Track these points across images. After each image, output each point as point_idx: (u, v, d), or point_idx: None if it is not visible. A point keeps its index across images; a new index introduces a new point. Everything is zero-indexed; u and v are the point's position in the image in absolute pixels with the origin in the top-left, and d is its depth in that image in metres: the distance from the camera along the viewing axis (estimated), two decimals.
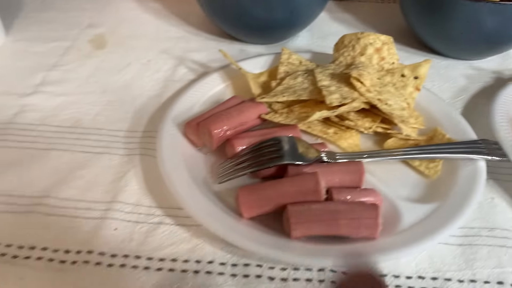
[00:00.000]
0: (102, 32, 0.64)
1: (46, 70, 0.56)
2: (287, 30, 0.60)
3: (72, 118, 0.49)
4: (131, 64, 0.58)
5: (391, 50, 0.49)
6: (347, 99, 0.42)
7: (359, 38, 0.50)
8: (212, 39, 0.64)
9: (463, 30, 0.55)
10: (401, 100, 0.45)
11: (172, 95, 0.53)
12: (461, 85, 0.56)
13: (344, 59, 0.50)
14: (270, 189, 0.37)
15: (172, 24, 0.67)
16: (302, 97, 0.44)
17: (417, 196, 0.41)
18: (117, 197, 0.40)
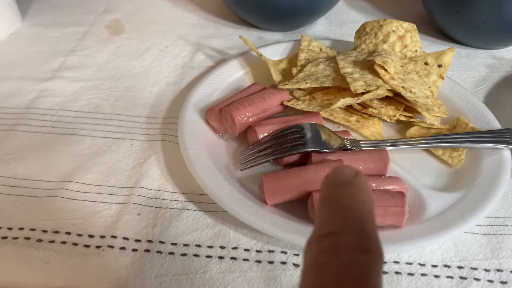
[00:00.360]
0: (119, 17, 0.64)
1: (64, 55, 0.56)
2: (306, 17, 0.59)
3: (92, 104, 0.48)
4: (149, 50, 0.57)
5: (414, 38, 0.48)
6: (372, 87, 0.42)
7: (381, 25, 0.49)
8: (229, 26, 0.63)
9: (484, 19, 0.54)
10: (425, 88, 0.44)
11: (191, 81, 0.52)
12: (482, 74, 0.55)
13: (366, 46, 0.49)
14: (295, 176, 0.36)
15: (188, 11, 0.66)
16: (325, 84, 0.44)
17: (442, 185, 0.40)
18: (139, 182, 0.40)
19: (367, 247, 0.17)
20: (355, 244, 0.16)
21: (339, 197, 0.18)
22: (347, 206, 0.18)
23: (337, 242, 0.17)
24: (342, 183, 0.19)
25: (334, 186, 0.19)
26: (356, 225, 0.17)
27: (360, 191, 0.18)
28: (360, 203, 0.18)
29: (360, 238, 0.17)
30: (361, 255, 0.16)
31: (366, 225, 0.17)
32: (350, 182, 0.19)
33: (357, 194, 0.18)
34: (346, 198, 0.18)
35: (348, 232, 0.17)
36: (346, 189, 0.19)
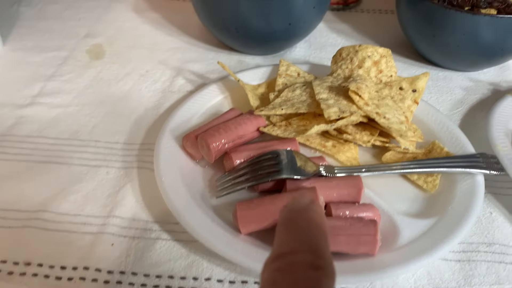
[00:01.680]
0: (100, 42, 0.64)
1: (44, 81, 0.56)
2: (285, 41, 0.60)
3: (70, 130, 0.48)
4: (129, 75, 0.58)
5: (389, 63, 0.49)
6: (346, 113, 0.42)
7: (357, 51, 0.50)
8: (210, 50, 0.64)
9: (460, 43, 0.55)
10: (399, 114, 0.45)
11: (170, 106, 0.52)
12: (458, 97, 0.56)
13: (342, 71, 0.50)
14: (269, 204, 0.37)
15: (170, 34, 0.67)
16: (301, 110, 0.44)
17: (416, 210, 0.40)
18: (114, 211, 0.40)
19: (320, 264, 0.18)
20: (308, 262, 0.18)
21: (295, 220, 0.20)
22: (302, 228, 0.19)
23: (292, 260, 0.18)
24: (299, 208, 0.21)
25: (290, 212, 0.21)
26: (310, 245, 0.19)
27: (314, 215, 0.20)
28: (314, 225, 0.20)
29: (313, 256, 0.18)
30: (314, 272, 0.17)
31: (319, 244, 0.19)
32: (305, 208, 0.21)
33: (311, 218, 0.20)
34: (302, 221, 0.20)
35: (302, 251, 0.18)
36: (302, 213, 0.20)
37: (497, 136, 0.45)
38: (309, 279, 0.17)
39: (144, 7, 0.74)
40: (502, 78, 0.60)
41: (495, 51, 0.55)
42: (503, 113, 0.49)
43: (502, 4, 0.56)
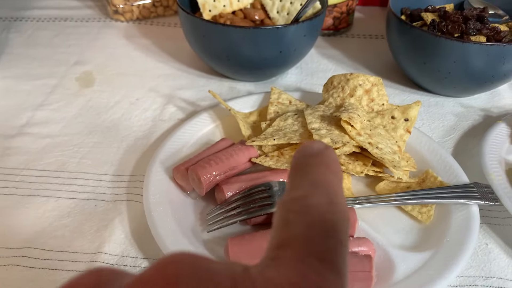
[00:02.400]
0: (90, 69, 0.64)
1: (32, 110, 0.55)
2: (276, 68, 0.60)
3: (57, 162, 0.47)
4: (119, 103, 0.57)
5: (381, 92, 0.49)
6: (338, 143, 0.42)
7: (348, 79, 0.50)
8: (202, 76, 0.63)
9: (451, 70, 0.55)
10: (392, 143, 0.45)
11: (160, 135, 0.52)
12: (450, 123, 0.56)
13: (334, 100, 0.50)
14: (261, 239, 0.36)
15: (161, 61, 0.67)
16: (293, 140, 0.44)
17: (411, 243, 0.40)
18: (102, 247, 0.39)
19: (335, 209, 0.17)
20: (324, 205, 0.17)
21: (310, 166, 0.19)
22: (317, 172, 0.19)
23: (307, 203, 0.17)
24: (311, 153, 0.20)
25: (304, 157, 0.20)
26: (325, 188, 0.18)
27: (329, 161, 0.19)
28: (329, 171, 0.19)
29: (329, 199, 0.17)
30: (330, 214, 0.17)
31: (335, 190, 0.18)
32: (320, 153, 0.20)
33: (326, 163, 0.19)
34: (316, 165, 0.19)
35: (318, 194, 0.17)
36: (316, 159, 0.19)
37: (490, 164, 0.45)
38: (326, 221, 0.16)
39: (135, 33, 0.73)
40: (493, 104, 0.60)
41: (485, 77, 0.55)
42: (495, 140, 0.49)
43: (491, 31, 0.56)
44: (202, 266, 0.14)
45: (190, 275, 0.14)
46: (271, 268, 0.15)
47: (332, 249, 0.16)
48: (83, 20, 0.77)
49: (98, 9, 0.80)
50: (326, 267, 0.15)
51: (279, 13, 0.62)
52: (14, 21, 0.76)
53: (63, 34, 0.72)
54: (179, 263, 0.14)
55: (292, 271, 0.15)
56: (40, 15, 0.78)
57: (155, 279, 0.14)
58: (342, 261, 0.16)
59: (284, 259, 0.15)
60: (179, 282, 0.14)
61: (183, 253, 0.15)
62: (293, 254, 0.15)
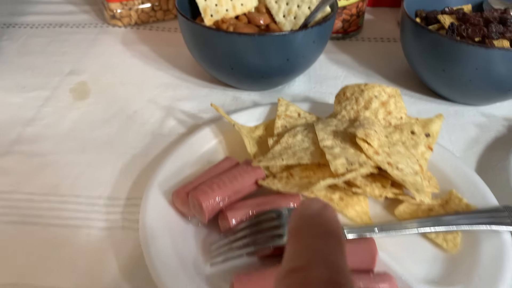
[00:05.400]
0: (85, 79, 0.60)
1: (23, 125, 0.51)
2: (283, 77, 0.56)
3: (48, 183, 0.44)
4: (115, 116, 0.53)
5: (399, 104, 0.45)
6: (354, 165, 0.38)
7: (362, 90, 0.46)
8: (203, 85, 0.60)
9: (472, 77, 0.51)
10: (412, 162, 0.41)
11: (160, 152, 0.48)
12: (472, 135, 0.52)
13: (347, 113, 0.46)
14: (271, 278, 0.32)
15: (160, 69, 0.63)
16: (303, 160, 0.40)
17: (436, 276, 0.36)
18: (94, 284, 0.35)
19: (338, 280, 0.16)
20: (325, 278, 0.16)
21: (307, 229, 0.18)
22: (315, 237, 0.18)
23: (306, 277, 0.16)
24: (310, 215, 0.19)
25: (302, 219, 0.19)
26: (325, 257, 0.17)
27: (328, 222, 0.18)
28: (328, 234, 0.18)
29: (330, 271, 0.16)
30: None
31: (335, 257, 0.17)
32: (318, 214, 0.19)
33: (325, 225, 0.18)
34: (314, 229, 0.18)
35: (317, 265, 0.16)
36: (314, 220, 0.18)
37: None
38: None
39: (133, 39, 0.70)
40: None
41: (509, 84, 0.51)
42: None
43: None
44: None
45: None
46: None
47: None
48: (79, 25, 0.73)
49: (94, 13, 0.77)
50: None
51: (285, 17, 0.58)
52: (7, 27, 0.73)
53: (58, 41, 0.69)
54: None
55: None
56: (34, 21, 0.74)
57: None
58: None
59: None
60: None
61: None
62: None
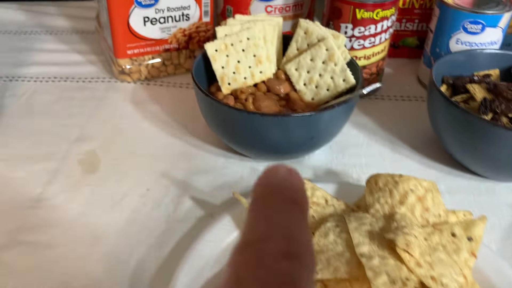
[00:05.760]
0: (94, 147, 0.57)
1: (26, 208, 0.48)
2: (305, 152, 0.53)
3: (52, 286, 0.40)
4: (127, 196, 0.50)
5: (436, 199, 0.42)
6: (397, 283, 0.35)
7: (396, 182, 0.42)
8: (219, 154, 0.56)
9: (508, 158, 0.48)
10: (456, 273, 0.37)
11: (176, 244, 0.45)
12: (508, 219, 0.49)
13: (381, 207, 0.42)
14: None
15: (173, 135, 0.59)
16: (339, 273, 0.36)
17: None
18: None
19: (294, 252, 0.15)
20: (281, 250, 0.15)
21: (268, 198, 0.17)
22: (277, 207, 0.17)
23: (261, 250, 0.15)
24: (272, 183, 0.18)
25: (264, 187, 0.18)
26: (284, 228, 0.16)
27: (291, 190, 0.17)
28: (291, 204, 0.17)
29: (287, 242, 0.16)
30: (288, 262, 0.15)
31: (296, 228, 0.16)
32: (281, 181, 0.18)
33: (288, 193, 0.17)
34: (276, 199, 0.17)
35: (274, 237, 0.16)
36: (276, 188, 0.17)
37: None
38: (282, 273, 0.15)
39: (143, 97, 0.66)
40: None
41: None
42: None
43: None
44: None
45: None
46: None
47: None
48: (85, 79, 0.70)
49: (101, 65, 0.73)
50: None
51: (306, 85, 0.55)
52: (10, 81, 0.69)
53: (64, 99, 0.65)
54: None
55: None
56: (38, 73, 0.71)
57: None
58: None
59: None
60: None
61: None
62: None
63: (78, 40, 0.81)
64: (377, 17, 0.60)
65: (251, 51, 0.55)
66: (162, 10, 0.64)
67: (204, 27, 0.69)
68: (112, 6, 0.62)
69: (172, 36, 0.67)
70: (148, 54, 0.67)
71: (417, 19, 0.73)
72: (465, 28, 0.62)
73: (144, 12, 0.63)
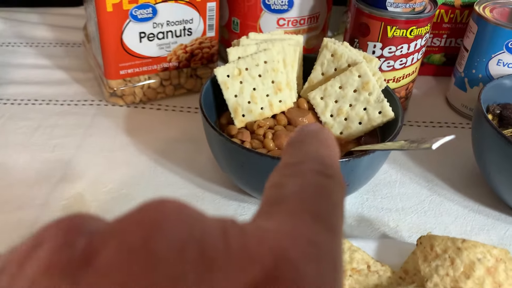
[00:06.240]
0: (81, 188, 0.48)
1: None
2: None
3: None
4: None
5: (510, 272, 0.34)
6: None
7: (459, 249, 0.35)
8: (230, 197, 0.48)
9: None
10: None
11: None
12: None
13: (441, 280, 0.34)
14: None
15: (175, 172, 0.50)
16: None
17: None
18: None
19: (329, 173, 0.17)
20: (318, 169, 0.17)
21: (304, 140, 0.19)
22: (312, 145, 0.19)
23: (300, 168, 0.17)
24: (307, 131, 0.20)
25: (300, 135, 0.19)
26: (319, 156, 0.18)
27: (325, 138, 0.19)
28: (324, 146, 0.19)
29: (322, 165, 0.17)
30: (323, 178, 0.17)
31: (330, 161, 0.18)
32: (316, 131, 0.19)
33: (321, 140, 0.19)
34: (311, 140, 0.19)
35: (311, 160, 0.18)
36: (312, 134, 0.19)
37: None
38: (319, 184, 0.16)
39: (138, 124, 0.57)
40: None
41: None
42: None
43: None
44: (190, 214, 0.14)
45: (176, 222, 0.13)
46: (263, 220, 0.15)
47: (326, 209, 0.16)
48: (71, 102, 0.61)
49: (89, 84, 0.64)
50: (319, 224, 0.15)
51: (333, 117, 0.47)
52: None
53: (46, 127, 0.56)
54: (165, 208, 0.14)
55: (283, 224, 0.15)
56: (16, 94, 0.61)
57: (136, 223, 0.13)
58: (336, 221, 0.16)
59: (276, 213, 0.15)
60: (163, 228, 0.13)
61: (171, 199, 0.14)
62: (286, 209, 0.15)
63: (63, 53, 0.71)
64: (410, 35, 0.52)
65: (269, 76, 0.46)
66: (161, 24, 0.55)
67: (208, 43, 0.60)
68: (102, 21, 0.53)
69: (171, 53, 0.58)
70: (143, 73, 0.58)
71: (445, 34, 0.66)
72: (509, 48, 0.54)
73: (140, 26, 0.54)
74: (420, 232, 0.45)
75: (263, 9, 0.61)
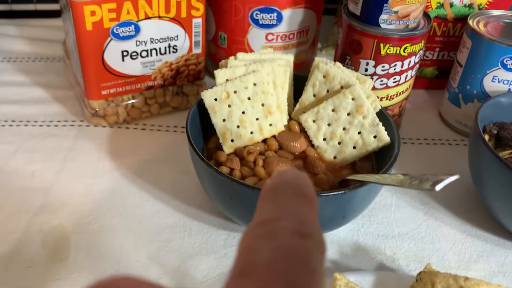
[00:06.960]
0: (61, 219, 0.45)
1: None
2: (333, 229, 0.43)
3: None
4: None
5: None
6: None
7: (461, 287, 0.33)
8: (220, 227, 0.46)
9: None
10: None
11: None
12: None
13: None
14: None
15: (161, 200, 0.48)
16: None
17: None
18: None
19: (307, 232, 0.16)
20: (293, 229, 0.16)
21: (280, 190, 0.18)
22: (288, 197, 0.17)
23: (275, 227, 0.16)
24: (284, 180, 0.18)
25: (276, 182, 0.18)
26: (296, 212, 0.16)
27: (302, 188, 0.18)
28: (302, 196, 0.17)
29: (299, 223, 0.16)
30: (300, 240, 0.15)
31: (307, 214, 0.17)
32: (292, 179, 0.18)
33: (299, 190, 0.18)
34: (287, 191, 0.18)
35: (287, 218, 0.16)
36: (288, 183, 0.18)
37: None
38: (294, 246, 0.15)
39: (121, 147, 0.55)
40: None
41: None
42: None
43: None
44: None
45: None
46: None
47: (302, 277, 0.14)
48: (50, 123, 0.58)
49: (70, 102, 0.61)
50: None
51: (326, 141, 0.45)
52: None
53: (24, 151, 0.53)
54: None
55: None
56: None
57: None
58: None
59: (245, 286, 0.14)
60: None
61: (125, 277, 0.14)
62: (257, 280, 0.14)
63: (42, 69, 0.68)
64: (404, 53, 0.51)
65: (259, 99, 0.44)
66: (144, 42, 0.53)
67: (194, 59, 0.58)
68: (82, 41, 0.50)
69: (156, 71, 0.56)
70: (127, 93, 0.56)
71: (438, 48, 0.64)
72: (504, 64, 0.53)
73: (123, 45, 0.52)
74: (417, 261, 0.44)
75: (251, 24, 0.59)
